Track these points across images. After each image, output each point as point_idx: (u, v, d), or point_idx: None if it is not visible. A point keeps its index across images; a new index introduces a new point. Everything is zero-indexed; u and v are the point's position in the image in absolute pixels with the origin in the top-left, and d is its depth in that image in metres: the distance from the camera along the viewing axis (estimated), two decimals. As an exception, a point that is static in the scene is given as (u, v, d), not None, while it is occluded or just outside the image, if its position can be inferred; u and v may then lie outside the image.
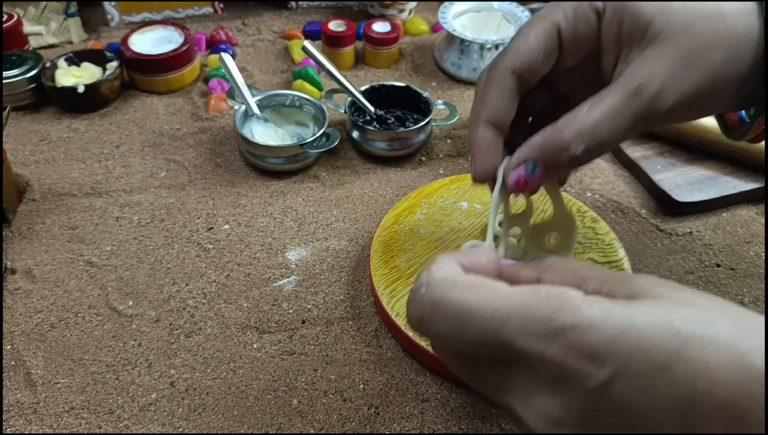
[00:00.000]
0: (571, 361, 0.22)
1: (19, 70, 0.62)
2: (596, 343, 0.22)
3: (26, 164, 0.58)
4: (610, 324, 0.22)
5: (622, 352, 0.22)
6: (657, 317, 0.22)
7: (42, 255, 0.50)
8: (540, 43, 0.32)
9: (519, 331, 0.23)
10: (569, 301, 0.23)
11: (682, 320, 0.22)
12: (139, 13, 0.78)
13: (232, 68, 0.60)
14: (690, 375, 0.21)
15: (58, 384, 0.41)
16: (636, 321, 0.22)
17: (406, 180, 0.59)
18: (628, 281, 0.25)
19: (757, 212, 0.56)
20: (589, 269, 0.27)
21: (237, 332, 0.45)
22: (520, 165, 0.32)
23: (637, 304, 0.23)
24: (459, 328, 0.25)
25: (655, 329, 0.22)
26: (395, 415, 0.40)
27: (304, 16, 0.82)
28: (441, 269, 0.27)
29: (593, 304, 0.23)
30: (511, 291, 0.24)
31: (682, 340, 0.21)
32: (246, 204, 0.55)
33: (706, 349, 0.21)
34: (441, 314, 0.25)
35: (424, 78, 0.72)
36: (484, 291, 0.25)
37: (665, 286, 0.24)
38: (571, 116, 0.30)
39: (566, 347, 0.22)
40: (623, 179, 0.60)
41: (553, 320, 0.23)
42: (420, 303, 0.26)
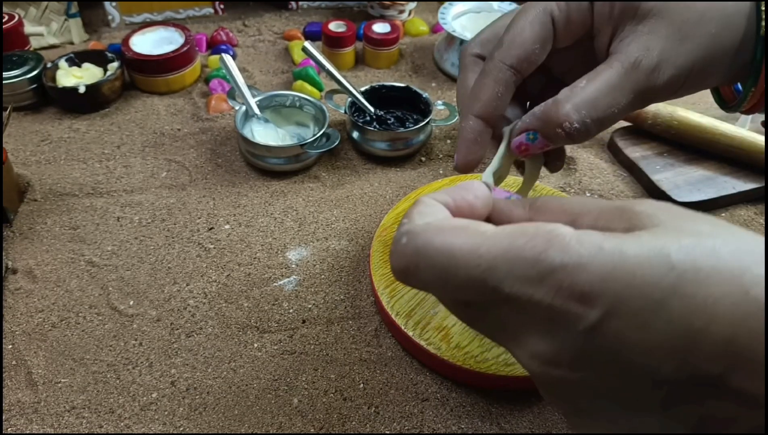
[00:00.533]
0: (561, 303, 0.21)
1: (20, 71, 0.62)
2: (585, 283, 0.21)
3: (27, 164, 0.58)
4: (599, 261, 0.21)
5: (613, 291, 0.21)
6: (652, 251, 0.21)
7: (43, 255, 0.50)
8: (535, 33, 0.31)
9: (506, 275, 0.22)
10: (557, 239, 0.22)
11: (680, 252, 0.21)
12: (140, 14, 0.78)
13: (232, 69, 0.60)
14: (687, 311, 0.20)
15: (59, 383, 0.41)
16: (628, 257, 0.21)
17: (406, 180, 0.59)
18: (625, 211, 0.24)
19: (756, 212, 0.56)
20: (582, 204, 0.25)
21: (237, 332, 0.45)
22: (522, 132, 0.32)
23: (631, 237, 0.22)
24: (445, 277, 0.23)
25: (649, 264, 0.21)
26: (395, 414, 0.40)
27: (305, 16, 0.83)
28: (422, 214, 0.25)
29: (582, 242, 0.21)
30: (497, 232, 0.23)
31: (679, 274, 0.20)
32: (246, 204, 0.55)
33: (705, 283, 0.20)
34: (425, 264, 0.24)
35: (424, 78, 0.72)
36: (469, 235, 0.23)
37: (665, 211, 0.23)
38: (569, 90, 0.30)
39: (555, 289, 0.21)
40: (622, 179, 0.60)
41: (540, 262, 0.22)
42: (402, 254, 0.25)
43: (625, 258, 0.21)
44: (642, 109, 0.60)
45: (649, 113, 0.60)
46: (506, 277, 0.22)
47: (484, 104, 0.33)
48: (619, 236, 0.22)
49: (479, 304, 0.25)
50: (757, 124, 0.61)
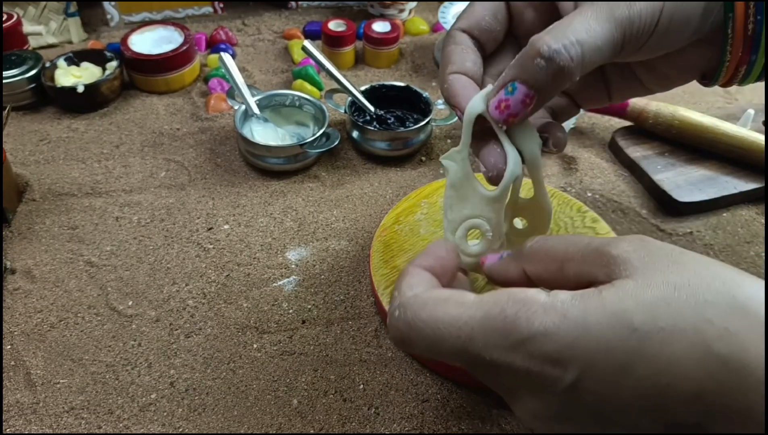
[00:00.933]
0: (537, 368, 0.23)
1: (18, 70, 0.62)
2: (554, 351, 0.23)
3: (26, 164, 0.58)
4: (564, 331, 0.22)
5: (582, 357, 0.22)
6: (614, 316, 0.22)
7: (42, 255, 0.50)
8: (485, 6, 0.34)
9: (484, 345, 0.24)
10: (525, 308, 0.23)
11: (643, 313, 0.22)
12: (139, 13, 0.78)
13: (232, 68, 0.60)
14: (652, 371, 0.21)
15: (57, 384, 0.41)
16: (591, 324, 0.22)
17: (406, 180, 0.59)
18: (603, 256, 0.25)
19: (757, 212, 0.56)
20: (566, 249, 0.26)
21: (237, 332, 0.45)
22: (500, 90, 0.30)
23: (597, 299, 0.23)
24: (433, 347, 0.26)
25: (611, 330, 0.22)
26: (395, 415, 0.40)
27: (304, 15, 0.82)
28: (410, 285, 0.28)
29: (548, 311, 0.23)
30: (474, 304, 0.25)
31: (641, 336, 0.21)
32: (246, 204, 0.55)
33: (667, 342, 0.21)
34: (416, 336, 0.26)
35: (424, 78, 0.72)
36: (451, 306, 0.26)
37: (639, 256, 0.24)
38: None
39: (528, 356, 0.23)
40: (623, 179, 0.60)
41: (511, 332, 0.23)
42: (397, 327, 0.27)
43: (588, 325, 0.22)
44: (643, 109, 0.60)
45: (651, 113, 0.60)
46: (484, 347, 0.24)
47: (453, 63, 0.34)
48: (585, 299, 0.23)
49: (474, 367, 0.27)
50: (759, 123, 0.61)
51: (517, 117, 0.30)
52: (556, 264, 0.27)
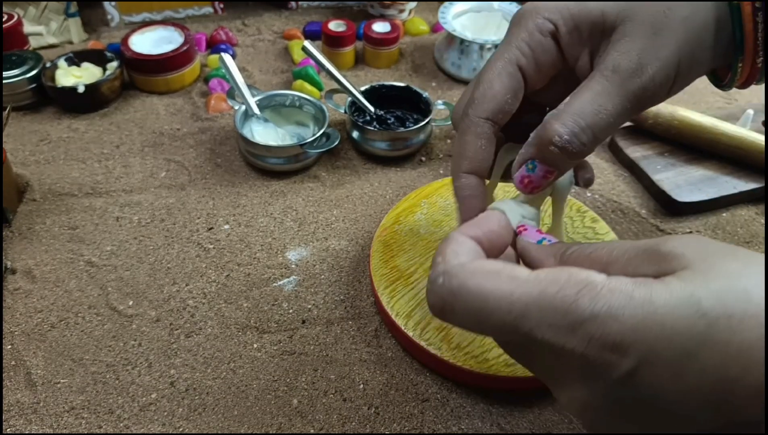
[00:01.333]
0: (593, 353, 0.22)
1: (19, 70, 0.62)
2: (617, 334, 0.21)
3: (26, 164, 0.58)
4: (630, 311, 0.21)
5: (645, 342, 0.21)
6: (681, 299, 0.21)
7: (42, 255, 0.50)
8: (505, 86, 0.32)
9: (539, 323, 0.22)
10: (588, 288, 0.22)
11: (710, 298, 0.20)
12: (139, 14, 0.78)
13: (232, 68, 0.60)
14: (720, 360, 0.20)
15: (58, 384, 0.41)
16: (658, 306, 0.21)
17: (406, 180, 0.59)
18: (653, 254, 0.23)
19: (757, 212, 0.56)
20: (610, 252, 0.25)
21: (237, 332, 0.45)
22: (521, 166, 0.32)
23: (661, 285, 0.22)
24: (480, 320, 0.24)
25: (679, 313, 0.20)
26: (395, 414, 0.40)
27: (304, 16, 0.82)
28: (456, 253, 0.26)
29: (613, 291, 0.22)
30: (530, 279, 0.23)
31: (710, 322, 0.20)
32: (246, 204, 0.55)
33: (737, 329, 0.20)
34: (461, 306, 0.24)
35: (424, 78, 0.72)
36: (502, 280, 0.24)
37: (693, 249, 0.23)
38: (555, 110, 0.30)
39: (587, 339, 0.22)
40: (623, 179, 0.60)
41: (571, 312, 0.22)
42: (439, 295, 0.25)
43: (655, 308, 0.21)
44: (642, 109, 0.60)
45: (650, 113, 0.60)
46: (538, 325, 0.22)
47: (470, 160, 0.33)
48: (649, 284, 0.22)
49: (519, 344, 0.25)
50: (758, 123, 0.61)
51: (540, 187, 0.32)
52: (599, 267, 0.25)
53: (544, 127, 0.30)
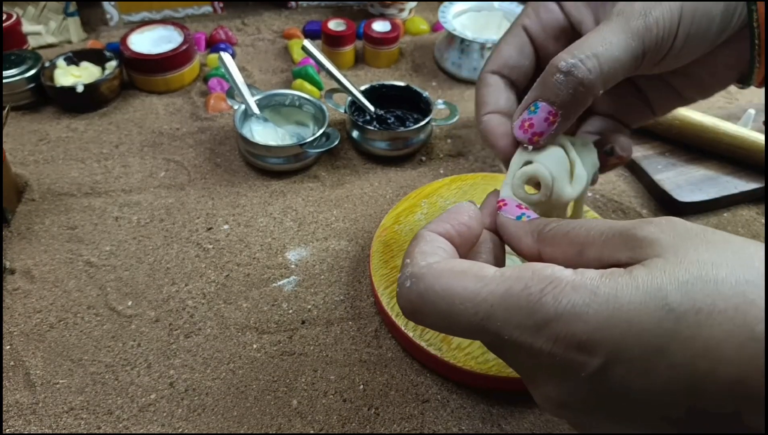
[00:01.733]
0: (561, 352, 0.21)
1: (18, 70, 0.62)
2: (582, 333, 0.21)
3: (25, 164, 0.58)
4: (594, 309, 0.21)
5: (611, 339, 0.20)
6: (648, 294, 0.20)
7: (41, 255, 0.50)
8: (509, 43, 0.34)
9: (505, 323, 0.22)
10: (552, 286, 0.22)
11: (678, 292, 0.20)
12: (139, 13, 0.78)
13: (231, 68, 0.60)
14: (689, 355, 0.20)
15: (57, 384, 0.41)
16: (624, 303, 0.20)
17: (406, 180, 0.58)
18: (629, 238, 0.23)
19: (758, 212, 0.56)
20: (587, 233, 0.25)
21: (236, 332, 0.45)
22: (523, 112, 0.31)
23: (628, 278, 0.21)
24: (449, 321, 0.24)
25: (645, 309, 0.20)
26: (395, 415, 0.40)
27: (304, 15, 0.82)
28: (424, 253, 0.26)
29: (577, 288, 0.21)
30: (495, 277, 0.23)
31: (678, 316, 0.20)
32: (246, 204, 0.55)
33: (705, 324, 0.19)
34: (429, 309, 0.24)
35: (425, 77, 0.72)
36: (469, 280, 0.24)
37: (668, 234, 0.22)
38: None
39: (553, 338, 0.21)
40: (624, 179, 0.59)
41: (536, 311, 0.22)
42: (407, 298, 0.25)
43: (621, 304, 0.21)
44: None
45: (651, 112, 0.59)
46: (505, 326, 0.22)
47: (485, 103, 0.34)
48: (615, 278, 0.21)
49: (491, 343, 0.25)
50: (759, 123, 0.61)
51: (542, 135, 0.30)
52: (575, 248, 0.25)
53: (550, 62, 0.29)
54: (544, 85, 0.29)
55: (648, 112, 0.38)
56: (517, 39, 0.34)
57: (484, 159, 0.61)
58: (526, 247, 0.28)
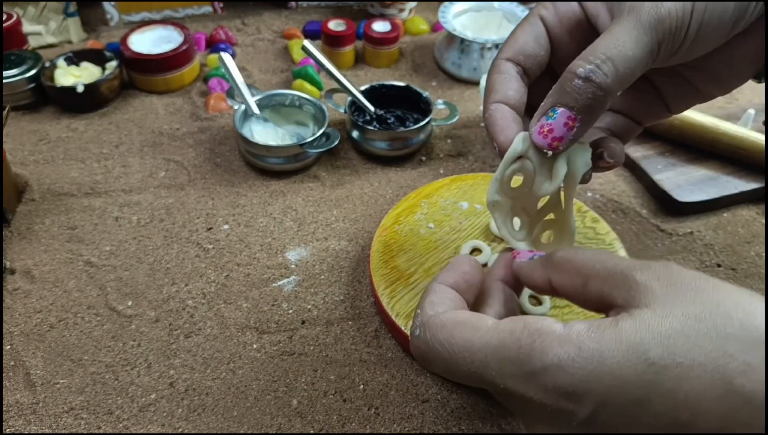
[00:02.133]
0: (551, 401, 0.23)
1: (18, 70, 0.62)
2: (569, 385, 0.22)
3: (25, 164, 0.58)
4: (579, 364, 0.22)
5: (597, 391, 0.22)
6: (630, 348, 0.22)
7: (41, 255, 0.50)
8: (525, 31, 0.34)
9: (498, 373, 0.24)
10: (540, 339, 0.23)
11: (660, 346, 0.21)
12: (139, 13, 0.78)
13: (231, 68, 0.60)
14: (670, 406, 0.21)
15: (57, 384, 0.41)
16: (607, 358, 0.22)
17: (406, 180, 0.58)
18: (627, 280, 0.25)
19: (758, 212, 0.56)
20: (593, 265, 0.26)
21: (236, 332, 0.45)
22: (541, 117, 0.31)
23: (613, 332, 0.23)
24: (450, 369, 0.26)
25: (627, 363, 0.22)
26: (395, 415, 0.40)
27: (304, 15, 0.82)
28: (432, 303, 0.28)
29: (563, 343, 0.23)
30: (490, 330, 0.25)
31: (658, 370, 0.21)
32: (246, 204, 0.55)
33: (685, 377, 0.21)
34: (434, 357, 0.27)
35: (424, 77, 0.72)
36: (467, 330, 0.26)
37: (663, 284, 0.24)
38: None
39: (542, 388, 0.23)
40: (624, 179, 0.59)
41: (525, 363, 0.23)
42: (417, 346, 0.28)
43: (604, 359, 0.22)
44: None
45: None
46: (498, 375, 0.24)
47: (495, 91, 0.34)
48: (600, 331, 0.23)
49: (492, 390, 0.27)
50: (759, 123, 0.61)
51: (562, 141, 0.30)
52: (581, 279, 0.27)
53: (568, 68, 0.30)
54: (562, 90, 0.30)
55: (663, 109, 0.37)
56: (534, 28, 0.34)
57: (484, 159, 0.61)
58: (539, 279, 0.30)
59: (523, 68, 0.34)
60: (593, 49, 0.29)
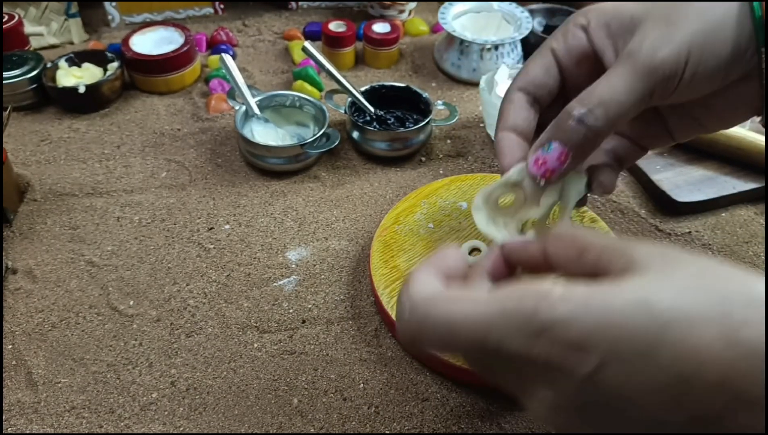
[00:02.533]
0: (558, 354, 0.23)
1: (20, 71, 0.62)
2: (577, 336, 0.22)
3: (27, 164, 0.58)
4: (587, 317, 0.22)
5: (604, 341, 0.22)
6: (637, 302, 0.22)
7: (43, 255, 0.50)
8: (537, 63, 0.37)
9: (504, 335, 0.24)
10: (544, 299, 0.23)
11: (666, 300, 0.22)
12: (140, 14, 0.78)
13: (232, 69, 0.60)
14: (675, 358, 0.21)
15: (59, 383, 0.41)
16: (614, 312, 0.22)
17: (406, 180, 0.59)
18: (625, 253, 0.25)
19: (756, 212, 0.56)
20: (590, 238, 0.27)
21: (237, 332, 0.45)
22: (538, 149, 0.34)
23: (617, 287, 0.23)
24: (448, 341, 0.26)
25: (634, 315, 0.22)
26: (395, 414, 0.40)
27: (305, 16, 0.83)
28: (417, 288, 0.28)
29: (568, 300, 0.23)
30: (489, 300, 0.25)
31: (664, 323, 0.21)
32: (246, 204, 0.55)
33: (691, 329, 0.21)
34: (429, 333, 0.26)
35: (424, 78, 0.72)
36: (465, 303, 0.26)
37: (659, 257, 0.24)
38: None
39: (551, 341, 0.23)
40: (622, 179, 0.60)
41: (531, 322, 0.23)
42: (407, 328, 0.27)
43: (612, 312, 0.22)
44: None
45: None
46: (503, 339, 0.24)
47: (504, 119, 0.37)
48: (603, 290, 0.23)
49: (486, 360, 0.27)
50: (757, 124, 0.61)
51: (554, 173, 0.33)
52: (577, 250, 0.27)
53: (565, 108, 0.33)
54: (558, 128, 0.33)
55: (667, 136, 0.39)
56: (545, 60, 0.36)
57: (484, 159, 0.61)
58: (533, 251, 0.30)
59: (533, 97, 0.37)
60: (589, 92, 0.32)
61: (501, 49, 0.71)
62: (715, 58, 0.32)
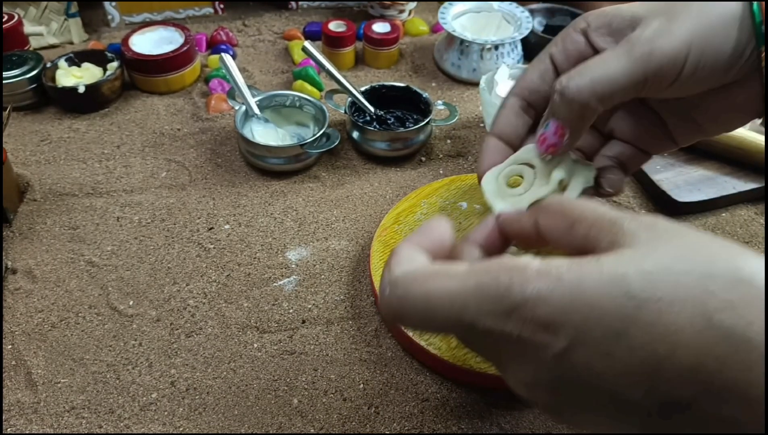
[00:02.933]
0: (528, 333, 0.23)
1: (19, 71, 0.62)
2: (548, 315, 0.22)
3: (27, 164, 0.58)
4: (558, 294, 0.22)
5: (574, 322, 0.22)
6: (611, 281, 0.21)
7: (43, 255, 0.50)
8: (533, 68, 0.38)
9: (477, 313, 0.24)
10: (518, 274, 0.23)
11: (641, 281, 0.21)
12: (140, 14, 0.78)
13: (232, 68, 0.60)
14: (648, 339, 0.21)
15: (58, 384, 0.41)
16: (586, 288, 0.22)
17: (406, 180, 0.59)
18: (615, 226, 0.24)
19: (756, 212, 0.56)
20: (581, 210, 0.26)
21: (237, 332, 0.45)
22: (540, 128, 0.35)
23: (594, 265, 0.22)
24: (427, 319, 0.26)
25: (608, 296, 0.21)
26: (395, 414, 0.40)
27: (305, 16, 0.83)
28: (399, 263, 0.28)
29: (542, 275, 0.23)
30: (465, 274, 0.25)
31: (639, 303, 0.21)
32: (246, 204, 0.55)
33: (665, 311, 0.20)
34: (408, 310, 0.26)
35: (424, 78, 0.72)
36: (442, 279, 0.25)
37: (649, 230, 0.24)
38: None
39: (521, 321, 0.23)
40: (623, 179, 0.60)
41: (505, 298, 0.23)
42: (388, 304, 0.27)
43: (583, 290, 0.22)
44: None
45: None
46: (478, 315, 0.24)
47: (496, 124, 0.39)
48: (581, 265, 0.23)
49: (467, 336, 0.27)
50: (757, 123, 0.61)
51: (556, 147, 0.35)
52: (568, 222, 0.26)
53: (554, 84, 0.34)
54: (552, 104, 0.34)
55: (669, 141, 0.40)
56: (542, 65, 0.37)
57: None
58: (525, 223, 0.29)
59: (528, 102, 0.38)
60: (578, 66, 0.32)
61: (501, 49, 0.71)
62: (716, 54, 0.31)
